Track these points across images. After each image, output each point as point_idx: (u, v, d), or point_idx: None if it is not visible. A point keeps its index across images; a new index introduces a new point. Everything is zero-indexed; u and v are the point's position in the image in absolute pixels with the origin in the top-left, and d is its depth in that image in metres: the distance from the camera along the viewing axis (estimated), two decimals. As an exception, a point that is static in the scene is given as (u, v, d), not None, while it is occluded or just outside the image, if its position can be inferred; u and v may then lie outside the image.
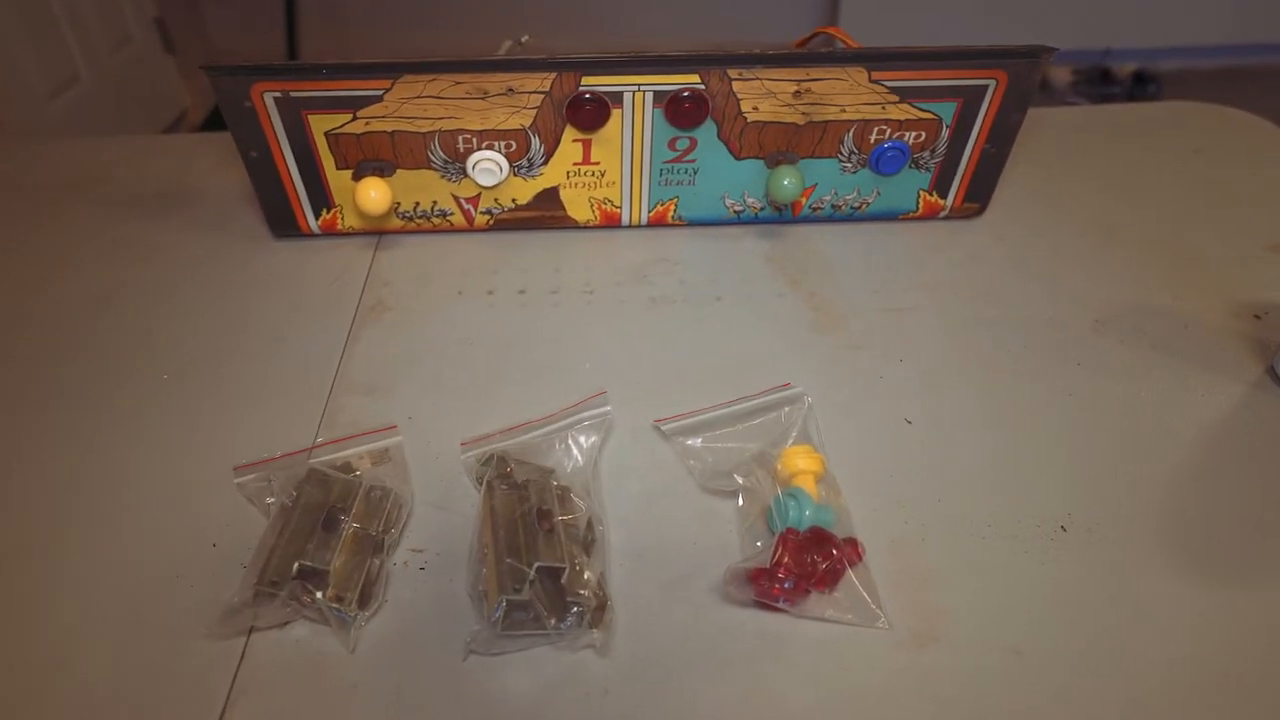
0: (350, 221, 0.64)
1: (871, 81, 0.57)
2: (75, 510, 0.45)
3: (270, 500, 0.43)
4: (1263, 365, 0.53)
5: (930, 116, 0.60)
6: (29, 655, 0.38)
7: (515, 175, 0.61)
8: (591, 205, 0.64)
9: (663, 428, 0.48)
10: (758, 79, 0.57)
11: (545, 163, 0.61)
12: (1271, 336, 0.54)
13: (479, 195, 0.63)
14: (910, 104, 0.59)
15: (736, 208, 0.65)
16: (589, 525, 0.41)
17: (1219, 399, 0.51)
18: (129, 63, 2.10)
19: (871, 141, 0.61)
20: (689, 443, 0.47)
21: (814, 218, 0.66)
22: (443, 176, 0.61)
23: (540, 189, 0.62)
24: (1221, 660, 0.38)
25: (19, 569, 0.42)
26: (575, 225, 0.65)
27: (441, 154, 0.59)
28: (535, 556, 0.37)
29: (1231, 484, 0.46)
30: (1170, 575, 0.41)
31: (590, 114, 0.58)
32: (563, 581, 0.37)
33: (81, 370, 0.53)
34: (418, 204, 0.63)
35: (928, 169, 0.63)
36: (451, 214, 0.64)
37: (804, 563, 0.39)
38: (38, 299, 0.59)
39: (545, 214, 0.64)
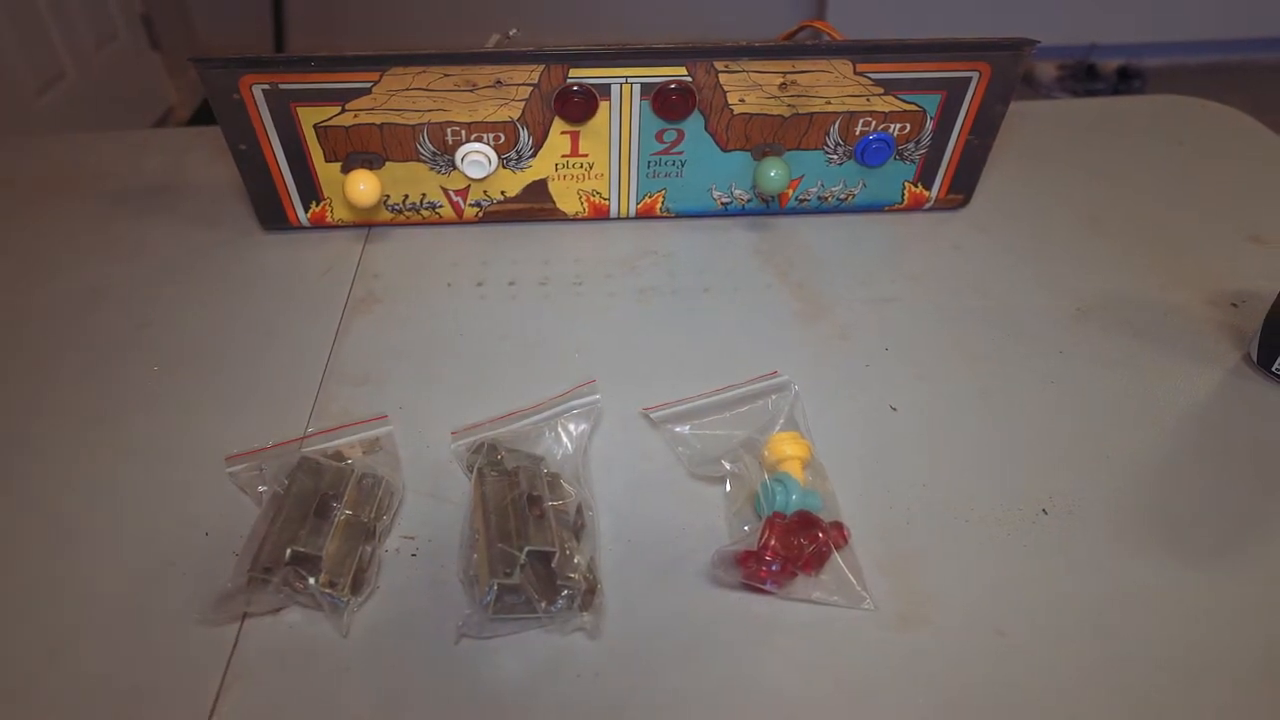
0: (339, 214, 0.64)
1: (856, 74, 0.58)
2: (69, 500, 0.45)
3: (262, 489, 0.43)
4: (1239, 352, 0.54)
5: (915, 108, 0.60)
6: (25, 642, 0.38)
7: (504, 167, 0.62)
8: (580, 197, 0.64)
9: (652, 415, 0.48)
10: (744, 71, 0.57)
11: (534, 155, 0.61)
12: (1248, 324, 0.55)
13: (468, 188, 0.63)
14: (895, 96, 0.60)
15: (724, 199, 0.65)
16: (579, 511, 0.42)
17: (1197, 385, 0.51)
18: (115, 59, 2.09)
19: (857, 133, 0.61)
20: (678, 430, 0.48)
21: (801, 209, 0.66)
22: (432, 169, 0.61)
23: (529, 181, 0.63)
24: (1201, 639, 0.38)
25: (15, 559, 0.42)
26: (564, 217, 0.65)
27: (430, 146, 0.60)
28: (526, 541, 0.38)
29: (1209, 466, 0.46)
30: (1149, 556, 0.42)
31: (578, 106, 0.58)
32: (553, 565, 0.38)
33: (75, 363, 0.53)
34: (407, 196, 0.63)
35: (912, 161, 0.64)
36: (441, 206, 0.64)
37: (790, 545, 0.40)
38: (30, 294, 0.59)
39: (534, 206, 0.64)
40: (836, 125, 0.61)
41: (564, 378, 0.50)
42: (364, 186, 0.59)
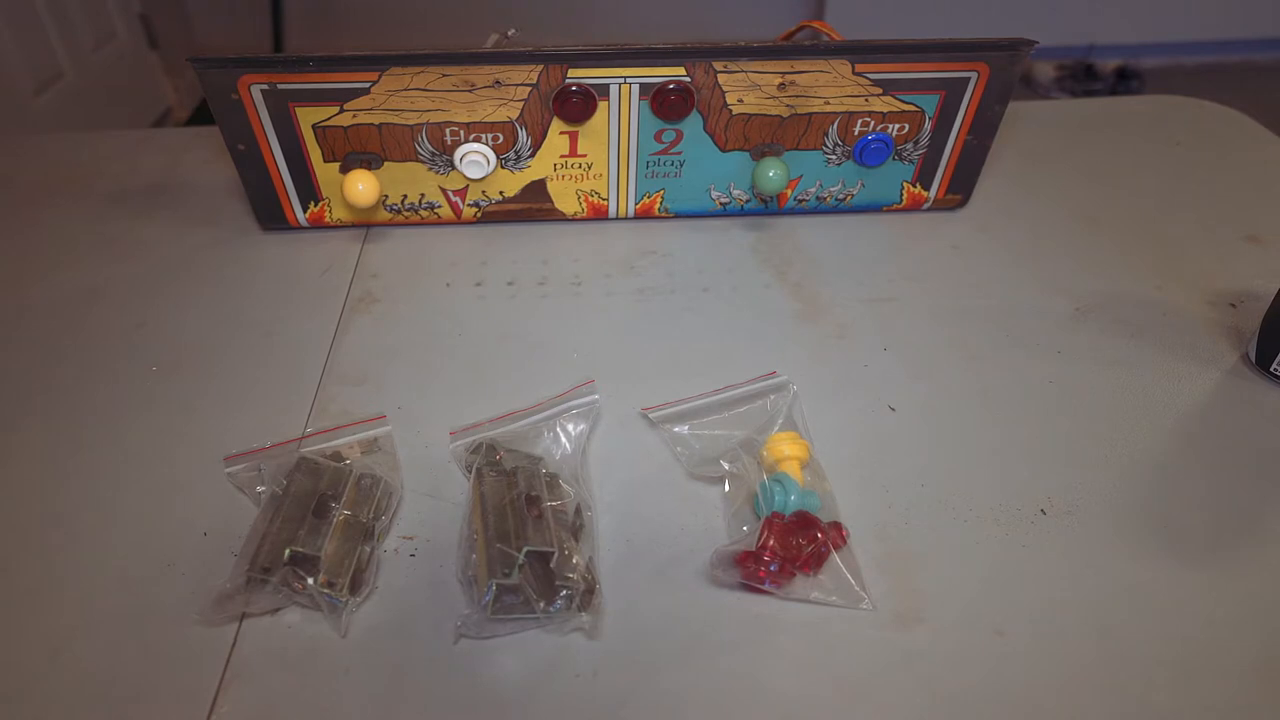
0: (338, 214, 0.64)
1: (855, 74, 0.58)
2: (68, 501, 0.45)
3: (261, 489, 0.43)
4: (1238, 352, 0.54)
5: (913, 109, 0.60)
6: (25, 642, 0.38)
7: (503, 168, 0.62)
8: (579, 197, 0.64)
9: (650, 416, 0.48)
10: (743, 71, 0.58)
11: (532, 155, 0.61)
12: (1246, 324, 0.55)
13: (467, 188, 0.63)
14: (894, 96, 0.60)
15: (723, 200, 0.65)
16: (577, 511, 0.42)
17: (1195, 385, 0.52)
18: (113, 59, 2.09)
19: (855, 134, 0.61)
20: (676, 430, 0.48)
21: (799, 210, 0.66)
22: (430, 169, 0.61)
23: (527, 181, 0.63)
24: (1198, 638, 0.39)
25: (14, 558, 0.42)
26: (563, 217, 0.66)
27: (429, 146, 0.60)
28: (525, 541, 0.38)
29: (1206, 466, 0.47)
30: (1147, 556, 0.42)
31: (577, 106, 0.58)
32: (552, 565, 0.38)
33: (73, 363, 0.53)
34: (405, 196, 0.63)
35: (911, 161, 0.64)
36: (439, 206, 0.64)
37: (789, 545, 0.40)
38: (28, 293, 0.59)
39: (533, 206, 0.64)
40: (835, 125, 0.61)
41: (563, 378, 0.50)
42: (362, 186, 0.59)
